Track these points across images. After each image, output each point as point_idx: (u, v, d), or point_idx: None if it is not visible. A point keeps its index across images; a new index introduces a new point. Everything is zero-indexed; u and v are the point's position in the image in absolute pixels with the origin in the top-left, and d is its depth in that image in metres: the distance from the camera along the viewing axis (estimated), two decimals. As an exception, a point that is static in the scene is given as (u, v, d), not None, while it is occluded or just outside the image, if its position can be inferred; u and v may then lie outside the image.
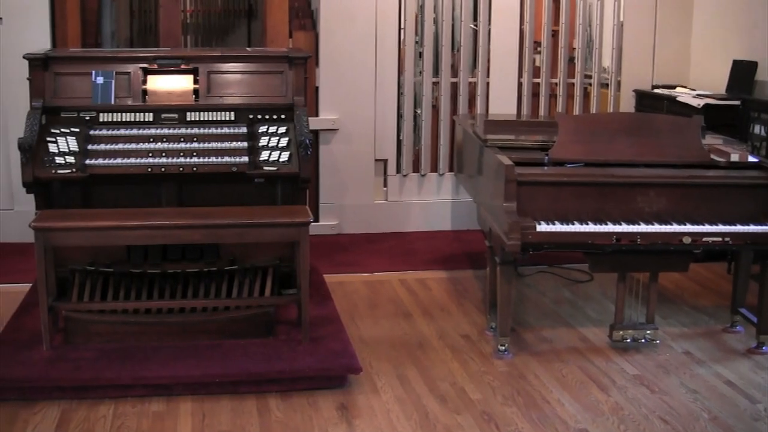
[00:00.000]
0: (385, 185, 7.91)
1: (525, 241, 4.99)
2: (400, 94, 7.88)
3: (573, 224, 5.08)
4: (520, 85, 8.07)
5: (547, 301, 6.39)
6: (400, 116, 7.91)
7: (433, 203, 7.98)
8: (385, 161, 7.87)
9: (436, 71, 8.02)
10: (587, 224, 5.08)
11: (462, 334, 5.77)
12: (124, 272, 5.57)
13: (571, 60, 8.31)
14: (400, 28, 7.83)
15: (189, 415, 4.71)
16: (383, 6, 7.63)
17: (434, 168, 8.04)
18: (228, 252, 5.71)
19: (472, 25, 8.09)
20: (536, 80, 8.17)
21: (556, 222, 5.08)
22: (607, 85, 8.40)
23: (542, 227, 5.04)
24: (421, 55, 8.06)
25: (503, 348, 5.38)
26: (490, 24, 7.93)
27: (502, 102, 7.99)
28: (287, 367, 4.98)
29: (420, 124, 8.09)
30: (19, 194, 6.75)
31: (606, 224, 5.09)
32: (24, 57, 5.86)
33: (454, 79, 8.03)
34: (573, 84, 8.27)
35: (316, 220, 7.47)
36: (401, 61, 7.86)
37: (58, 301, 5.35)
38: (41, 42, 7.16)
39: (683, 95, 7.47)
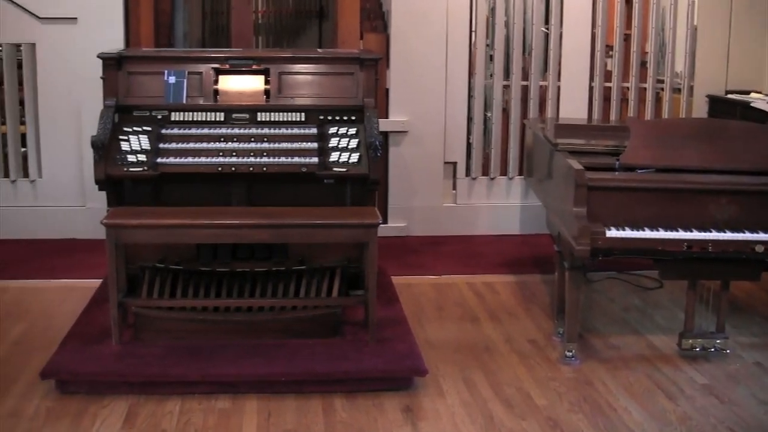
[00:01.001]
0: (454, 188, 7.89)
1: (594, 246, 4.95)
2: (470, 96, 7.85)
3: (643, 230, 5.02)
4: (591, 89, 8.00)
5: (616, 308, 6.33)
6: (470, 119, 7.88)
7: (501, 206, 7.94)
8: (455, 164, 7.84)
9: (507, 74, 7.98)
10: (658, 230, 5.02)
11: (529, 338, 5.73)
12: (193, 270, 5.61)
13: (643, 64, 8.21)
14: (471, 31, 7.81)
15: (254, 413, 4.73)
16: (454, 8, 7.60)
17: (503, 171, 8.00)
18: (297, 252, 5.74)
19: (543, 28, 8.04)
20: (607, 84, 8.09)
21: (626, 228, 5.03)
22: (680, 90, 8.29)
23: (612, 233, 4.99)
24: (491, 57, 8.03)
25: (570, 354, 5.34)
26: (561, 27, 7.87)
27: (573, 106, 7.92)
28: (353, 368, 4.99)
29: (490, 127, 8.06)
30: (91, 191, 6.83)
31: (677, 231, 5.02)
32: (98, 56, 5.93)
33: (525, 83, 7.99)
34: (645, 88, 8.18)
35: (385, 221, 7.47)
36: (472, 64, 7.83)
37: (128, 297, 5.41)
38: (115, 42, 7.25)
39: (758, 101, 7.36)
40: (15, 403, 4.84)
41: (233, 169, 5.61)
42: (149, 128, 5.76)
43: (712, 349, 5.41)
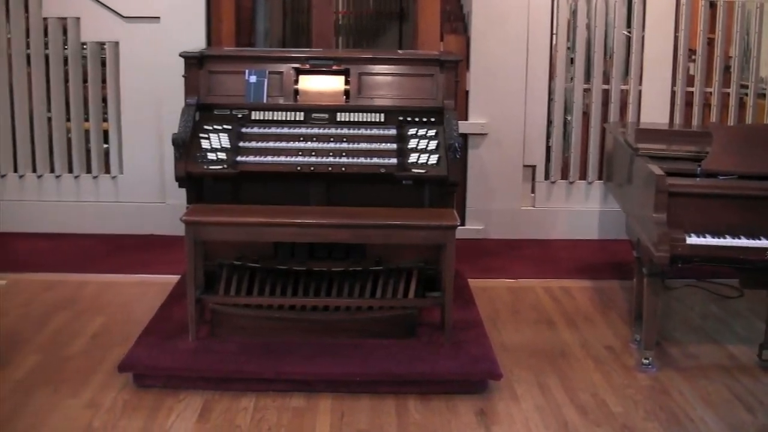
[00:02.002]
0: (533, 191, 7.84)
1: (674, 253, 4.89)
2: (550, 99, 7.79)
3: (724, 238, 4.94)
4: (673, 93, 7.89)
5: (695, 316, 6.24)
6: (549, 122, 7.82)
7: (580, 211, 7.86)
8: (534, 167, 7.79)
9: (588, 77, 7.90)
10: (739, 238, 4.94)
11: (605, 345, 5.68)
12: (271, 268, 5.64)
13: (726, 69, 8.07)
14: (552, 33, 7.75)
15: (328, 412, 4.75)
16: (536, 11, 7.55)
17: (583, 175, 7.92)
18: (374, 252, 5.74)
19: (625, 32, 7.94)
20: (690, 89, 7.97)
21: (707, 235, 4.95)
22: (764, 95, 8.13)
23: (692, 240, 4.92)
24: (572, 60, 7.96)
25: (647, 361, 5.28)
26: (643, 30, 7.77)
27: (655, 110, 7.82)
28: (428, 370, 4.98)
29: (570, 130, 7.99)
30: (171, 188, 6.91)
31: (759, 239, 4.94)
32: (180, 55, 5.99)
33: (606, 86, 7.90)
34: (728, 94, 8.04)
35: (463, 223, 7.45)
36: (552, 67, 7.77)
37: (206, 293, 5.46)
38: (197, 41, 7.33)
39: None
40: (93, 394, 4.92)
41: (312, 168, 5.62)
42: (229, 127, 5.80)
43: (794, 362, 5.32)
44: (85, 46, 7.73)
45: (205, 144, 5.69)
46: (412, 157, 5.64)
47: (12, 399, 4.87)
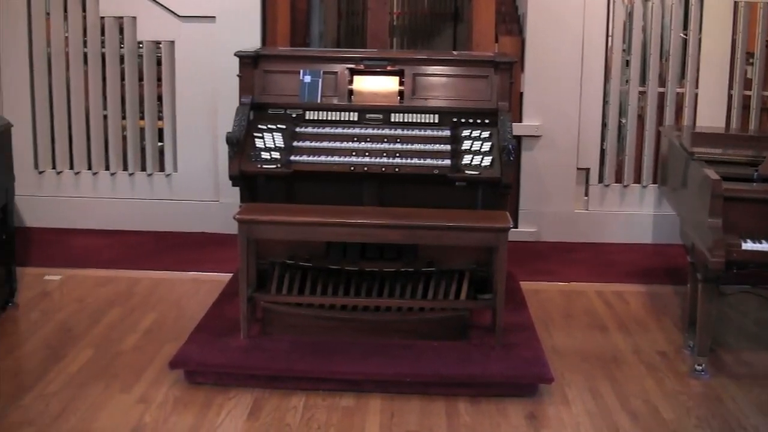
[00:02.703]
0: (586, 194, 7.78)
1: (729, 259, 4.83)
2: (605, 102, 7.72)
3: (780, 244, 4.89)
4: (730, 97, 7.79)
5: (749, 323, 6.16)
6: (604, 125, 7.76)
7: (634, 215, 7.79)
8: (587, 170, 7.73)
9: (643, 80, 7.83)
10: (796, 244, 4.88)
11: (658, 350, 5.62)
12: (323, 268, 5.66)
13: (786, 72, 7.98)
14: (607, 36, 7.68)
15: (378, 412, 4.75)
16: (591, 12, 7.49)
17: (637, 179, 7.85)
18: (426, 254, 5.72)
19: (682, 34, 7.86)
20: (747, 93, 7.87)
21: (763, 240, 4.90)
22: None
23: (748, 245, 4.86)
24: (628, 63, 7.89)
25: (700, 368, 5.22)
26: (700, 33, 7.68)
27: (711, 114, 7.72)
28: (478, 372, 4.97)
29: (624, 133, 7.92)
30: (224, 186, 6.93)
31: (816, 245, 4.88)
32: (235, 54, 6.02)
33: (662, 89, 7.82)
34: (787, 97, 7.95)
35: (515, 226, 7.40)
36: (608, 69, 7.70)
37: (258, 292, 5.49)
38: (252, 40, 7.36)
39: None
40: (144, 390, 4.96)
41: (365, 168, 5.62)
42: (283, 126, 5.82)
43: None
44: (141, 45, 7.80)
45: (259, 143, 5.71)
46: (466, 159, 5.62)
47: (65, 392, 4.93)
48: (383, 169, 5.61)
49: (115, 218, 7.84)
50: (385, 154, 5.67)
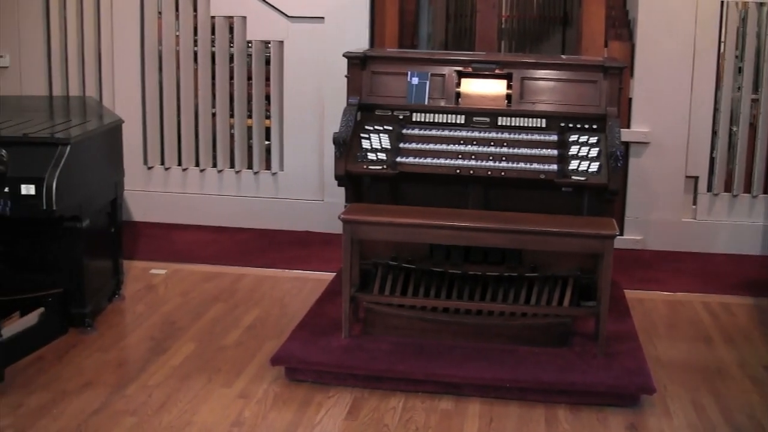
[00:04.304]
0: (695, 203, 7.64)
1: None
2: (716, 109, 7.57)
3: None
4: None
5: None
6: (714, 132, 7.61)
7: (743, 225, 7.62)
8: (696, 178, 7.59)
9: (756, 87, 7.66)
10: None
11: (765, 365, 5.50)
12: (426, 270, 5.65)
13: None
14: (720, 42, 7.54)
15: (476, 416, 4.74)
16: (703, 17, 7.35)
17: (747, 188, 7.68)
18: (530, 259, 5.68)
19: (799, 41, 7.69)
20: None
21: None
22: None
23: None
24: (740, 69, 7.73)
25: (809, 384, 5.10)
26: (818, 40, 7.52)
27: (827, 124, 7.55)
28: (579, 380, 4.91)
29: (735, 141, 7.76)
30: (330, 186, 6.99)
31: None
32: (343, 55, 6.04)
33: (775, 98, 7.66)
34: None
35: (621, 233, 7.31)
36: (719, 75, 7.56)
37: (360, 292, 5.50)
38: (360, 41, 7.39)
39: None
40: (245, 385, 5.02)
41: (471, 172, 5.60)
42: (390, 127, 5.82)
43: None
44: (250, 45, 7.89)
45: (365, 144, 5.73)
46: (573, 164, 5.56)
47: (168, 385, 5.02)
48: (489, 172, 5.58)
49: (220, 215, 7.94)
50: (491, 158, 5.64)
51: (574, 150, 5.62)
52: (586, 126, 5.77)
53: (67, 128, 5.89)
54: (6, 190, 5.16)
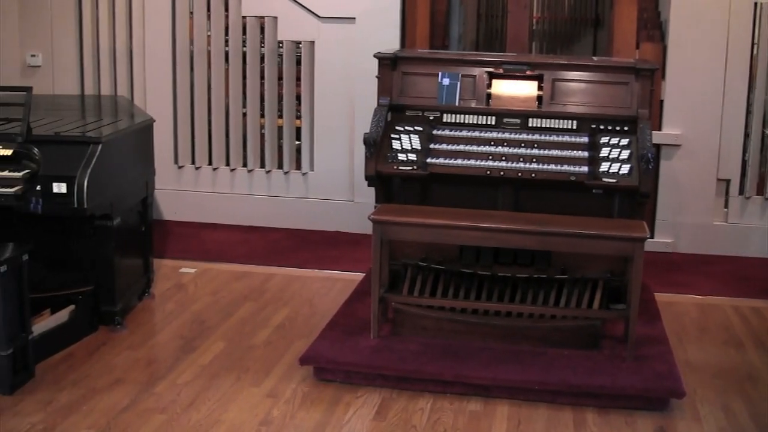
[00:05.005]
0: (726, 206, 7.59)
1: None
2: (748, 112, 7.52)
3: None
4: None
5: None
6: (746, 135, 7.56)
7: (775, 229, 7.59)
8: (728, 181, 7.55)
9: (790, 90, 7.62)
10: None
11: (797, 370, 5.47)
12: (455, 271, 5.65)
13: None
14: (753, 44, 7.49)
15: (505, 418, 4.73)
16: (736, 19, 7.30)
17: (779, 192, 7.65)
18: (559, 261, 5.66)
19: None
20: None
21: None
22: None
23: None
24: (773, 72, 7.69)
25: (842, 389, 5.06)
26: None
27: None
28: (608, 383, 4.89)
29: (767, 144, 7.72)
30: (360, 186, 7.00)
31: None
32: (374, 56, 6.05)
33: (809, 100, 7.60)
34: None
35: (652, 236, 7.27)
36: (752, 78, 7.51)
37: (389, 292, 5.50)
38: (391, 42, 7.40)
39: None
40: (274, 384, 5.03)
41: (501, 173, 5.59)
42: (421, 128, 5.82)
43: None
44: (281, 45, 7.90)
45: (396, 144, 5.73)
46: (604, 166, 5.54)
47: (196, 383, 5.04)
48: (519, 174, 5.57)
49: (251, 214, 7.97)
50: (521, 159, 5.63)
51: (604, 152, 5.60)
52: (617, 128, 5.75)
53: (99, 127, 5.92)
54: (38, 188, 5.21)
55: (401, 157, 5.67)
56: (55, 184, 5.20)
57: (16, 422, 4.57)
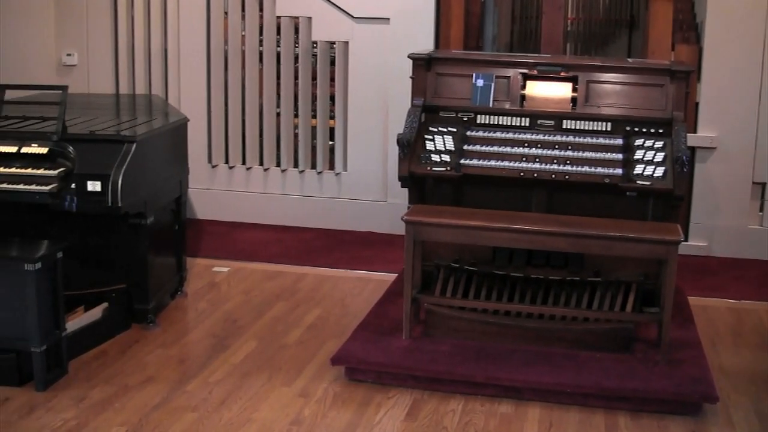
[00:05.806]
0: (761, 210, 7.53)
1: None
2: (785, 115, 7.48)
3: None
4: None
5: None
6: (782, 139, 7.51)
7: (811, 233, 7.52)
8: (763, 185, 7.48)
9: (827, 93, 7.53)
10: None
11: (831, 375, 5.42)
12: (488, 273, 5.64)
13: None
14: (790, 45, 7.44)
15: (536, 421, 4.71)
16: (773, 23, 7.27)
17: (816, 196, 7.58)
18: (592, 263, 5.64)
19: None
20: None
21: None
22: None
23: None
24: (811, 75, 7.62)
25: None
26: None
27: None
28: (641, 387, 4.86)
29: (804, 148, 7.65)
30: (393, 187, 6.99)
31: None
32: (408, 56, 6.05)
33: None
34: None
35: (686, 239, 7.23)
36: (789, 81, 7.46)
37: (422, 293, 5.50)
38: (425, 43, 7.39)
39: None
40: (305, 384, 5.04)
41: (535, 175, 5.58)
42: (454, 129, 5.82)
43: None
44: (315, 45, 7.91)
45: (429, 145, 5.73)
46: (638, 169, 5.51)
47: (228, 382, 5.05)
48: (553, 176, 5.56)
49: (283, 214, 7.99)
50: (555, 161, 5.61)
51: (639, 154, 5.57)
52: (652, 130, 5.72)
53: (133, 126, 5.95)
54: (72, 186, 5.24)
55: (435, 158, 5.67)
56: (89, 183, 5.23)
57: (49, 418, 4.60)
